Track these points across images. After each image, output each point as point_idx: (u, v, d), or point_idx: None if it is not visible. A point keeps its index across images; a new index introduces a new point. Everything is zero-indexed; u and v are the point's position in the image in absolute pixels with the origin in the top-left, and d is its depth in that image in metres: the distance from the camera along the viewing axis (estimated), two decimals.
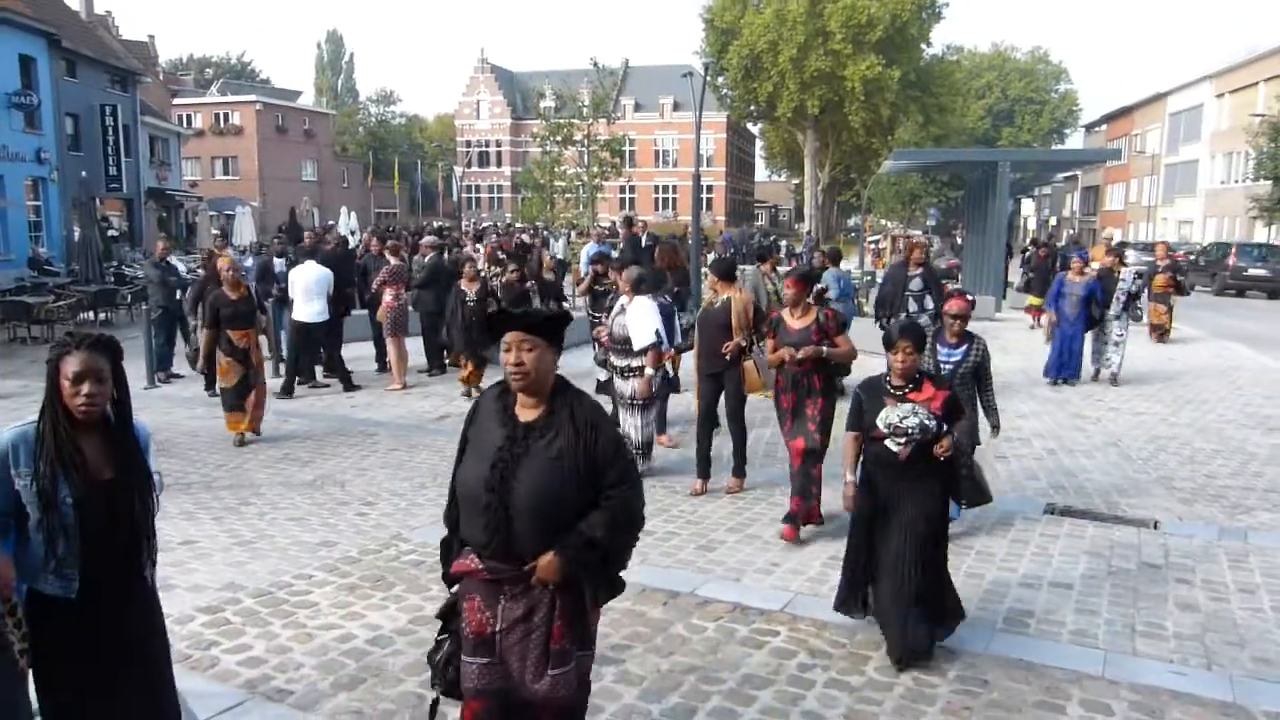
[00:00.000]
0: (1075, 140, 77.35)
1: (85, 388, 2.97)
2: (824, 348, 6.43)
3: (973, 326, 6.59)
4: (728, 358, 7.32)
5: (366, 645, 4.84)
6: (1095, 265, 14.28)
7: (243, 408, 9.19)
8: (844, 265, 13.77)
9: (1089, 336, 12.86)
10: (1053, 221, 74.77)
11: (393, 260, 12.69)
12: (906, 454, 4.54)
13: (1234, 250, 31.68)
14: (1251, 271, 30.32)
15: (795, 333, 6.56)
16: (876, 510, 4.69)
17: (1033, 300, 18.94)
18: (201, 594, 5.47)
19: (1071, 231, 56.90)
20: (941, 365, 6.29)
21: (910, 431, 4.51)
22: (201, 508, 7.16)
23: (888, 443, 4.58)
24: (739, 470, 7.69)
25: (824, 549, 6.29)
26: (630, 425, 8.03)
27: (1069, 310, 12.51)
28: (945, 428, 4.57)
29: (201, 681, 4.40)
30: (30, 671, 3.02)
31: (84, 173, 26.27)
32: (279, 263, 13.68)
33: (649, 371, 7.83)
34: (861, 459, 4.80)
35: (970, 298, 6.57)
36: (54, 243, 28.89)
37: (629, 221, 18.13)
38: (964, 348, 6.37)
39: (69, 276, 22.57)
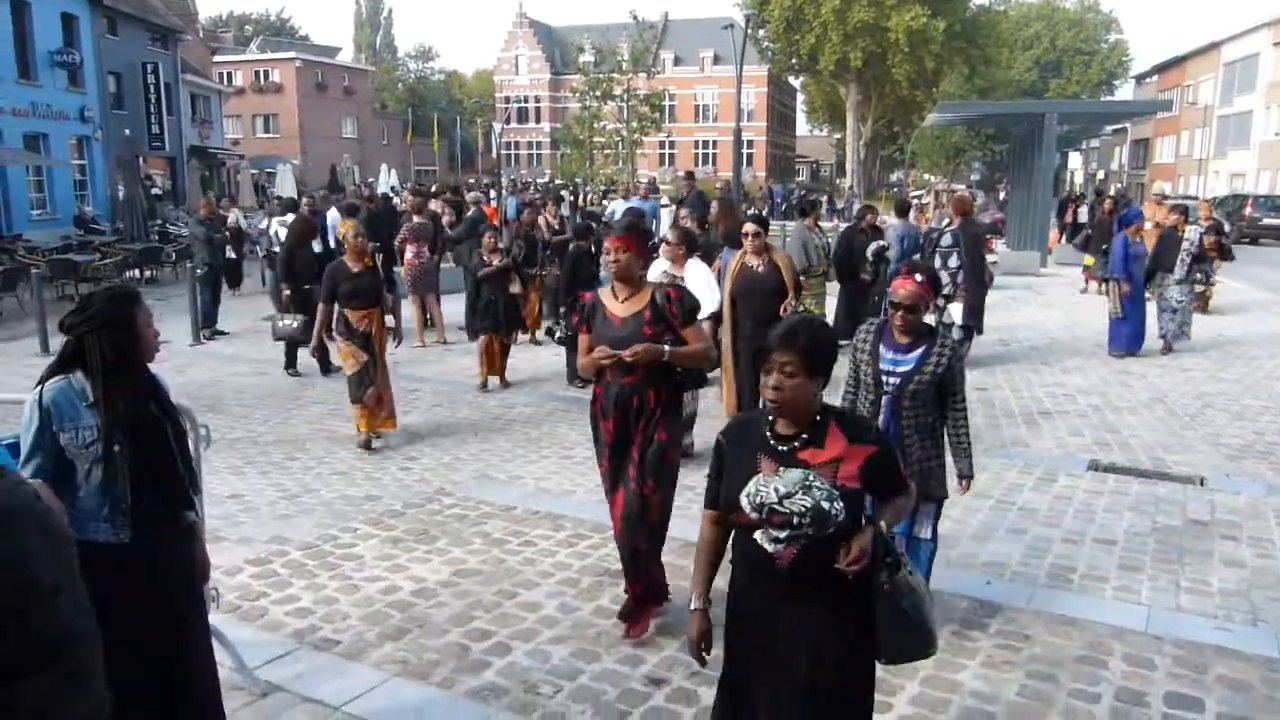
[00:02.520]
0: (1125, 92, 75.37)
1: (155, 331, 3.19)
2: (665, 346, 4.33)
3: (1013, 281, 6.06)
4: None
5: (411, 597, 4.92)
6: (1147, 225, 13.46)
7: (366, 401, 7.67)
8: (890, 220, 12.96)
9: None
10: (1100, 175, 73.16)
11: (416, 218, 12.66)
12: (790, 558, 2.54)
13: (1250, 201, 33.24)
14: (1266, 221, 31.91)
15: (619, 324, 4.40)
16: (749, 658, 2.75)
17: (1088, 261, 17.18)
18: (250, 546, 5.59)
19: (1119, 186, 55.63)
20: (885, 379, 4.17)
21: (798, 519, 2.52)
22: (248, 463, 7.29)
23: (759, 536, 2.57)
24: None
25: None
26: None
27: (1139, 275, 11.06)
28: (863, 516, 2.61)
29: (250, 631, 4.51)
30: None
31: (127, 131, 26.53)
32: (275, 223, 13.41)
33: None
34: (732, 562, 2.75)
35: (920, 279, 4.11)
36: (99, 201, 29.29)
37: (690, 176, 17.51)
38: (919, 352, 4.12)
39: (114, 235, 22.91)
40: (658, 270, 6.84)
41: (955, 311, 10.27)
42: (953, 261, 10.08)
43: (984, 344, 11.25)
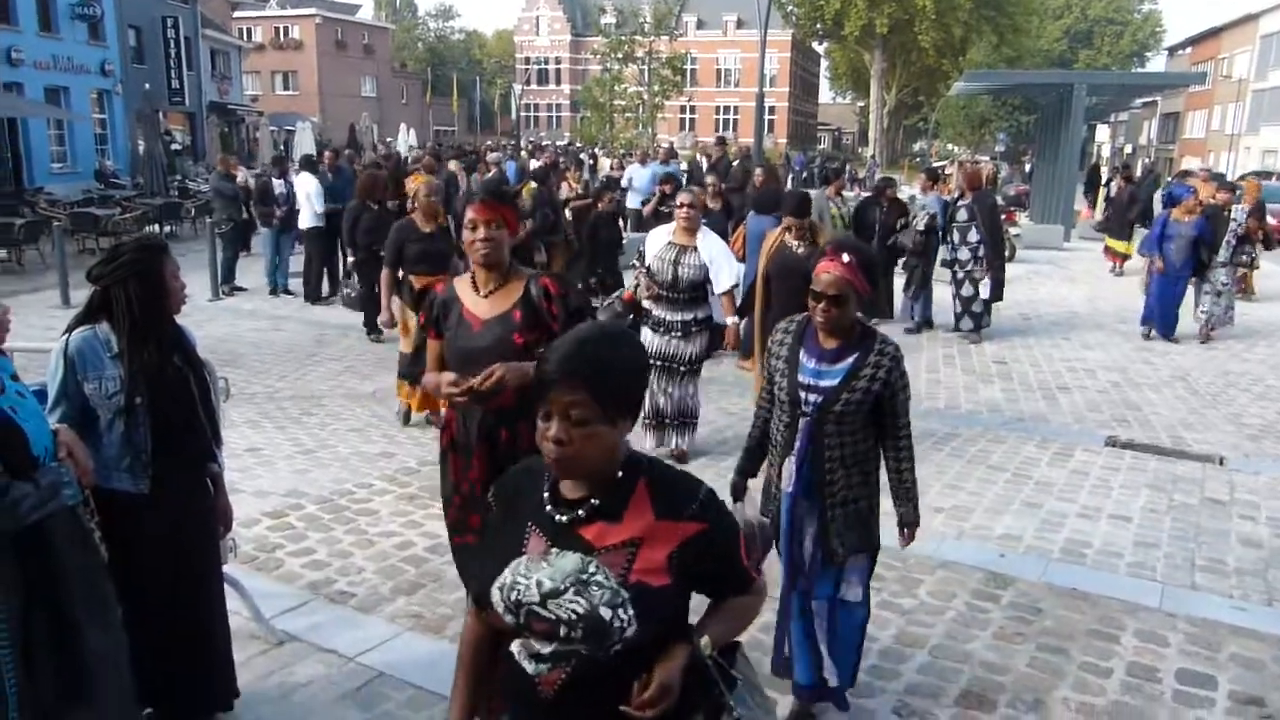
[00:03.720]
0: (1157, 64, 74.17)
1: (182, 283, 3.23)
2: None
3: (1035, 256, 5.80)
4: None
5: (425, 553, 4.95)
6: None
7: (417, 378, 6.60)
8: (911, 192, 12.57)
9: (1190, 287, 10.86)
10: (1128, 149, 72.29)
11: (430, 178, 12.63)
12: (554, 685, 1.75)
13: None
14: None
15: (479, 328, 3.21)
16: None
17: (1110, 242, 16.61)
18: (266, 499, 5.63)
19: (1147, 161, 54.94)
20: (803, 396, 3.20)
21: (566, 629, 1.72)
22: (265, 417, 7.33)
23: (516, 648, 1.81)
24: None
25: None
26: (679, 394, 6.29)
27: (1174, 256, 10.37)
28: (675, 629, 1.80)
29: (267, 582, 4.55)
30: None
31: (147, 85, 26.50)
32: (279, 184, 13.03)
33: (733, 320, 6.28)
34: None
35: (848, 259, 3.14)
36: (119, 156, 29.32)
37: (722, 141, 17.14)
38: (849, 361, 3.18)
39: (134, 189, 22.94)
40: (661, 240, 6.17)
41: (983, 288, 10.24)
42: (972, 236, 10.08)
43: (1005, 317, 11.17)
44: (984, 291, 10.26)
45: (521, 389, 2.92)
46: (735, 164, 16.82)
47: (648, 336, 6.21)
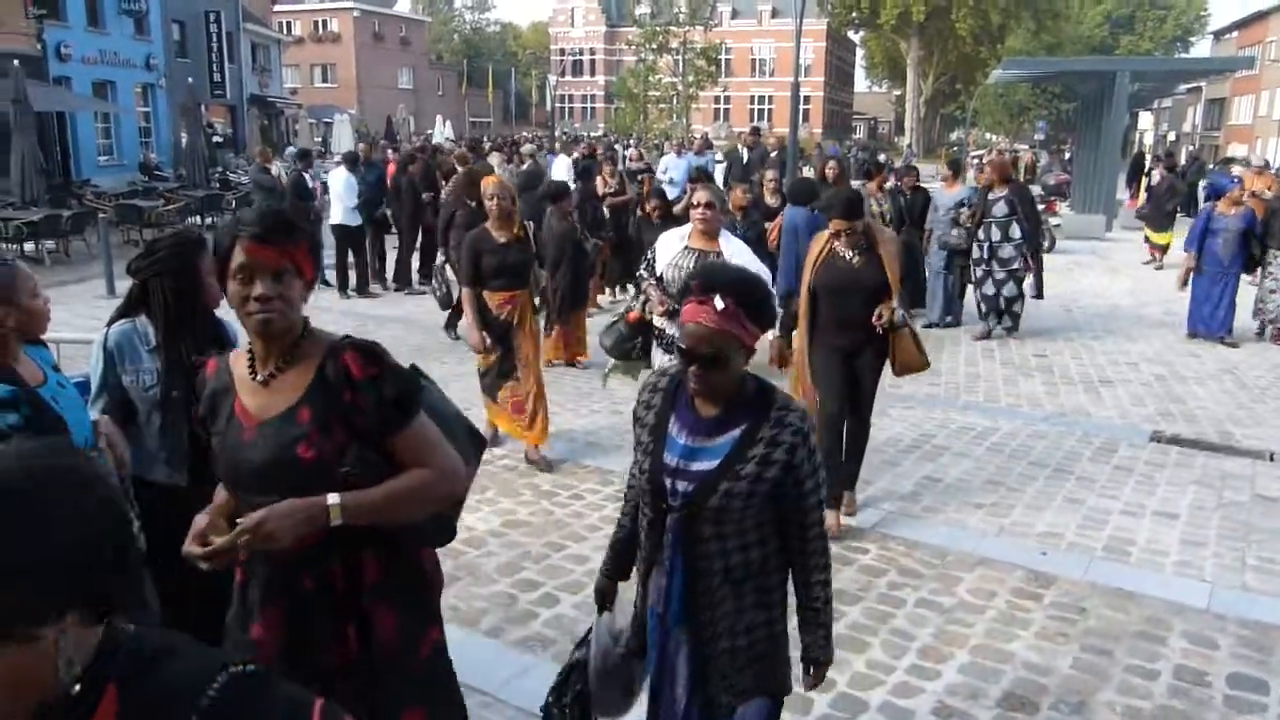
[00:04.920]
0: (1202, 49, 72.63)
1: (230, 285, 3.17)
2: (332, 500, 2.02)
3: (1077, 246, 5.47)
4: (880, 329, 4.93)
5: (461, 545, 4.96)
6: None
7: (501, 404, 6.08)
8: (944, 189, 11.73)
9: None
10: (1171, 136, 70.99)
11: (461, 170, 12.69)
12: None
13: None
14: None
15: (250, 435, 2.13)
16: None
17: (1150, 233, 15.98)
18: None
19: (1192, 149, 53.91)
20: (670, 484, 2.32)
21: None
22: None
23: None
24: (852, 481, 5.45)
25: (917, 468, 6.19)
26: None
27: (1221, 251, 9.82)
28: None
29: None
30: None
31: (190, 79, 26.79)
32: (309, 177, 13.21)
33: (771, 335, 5.23)
34: None
35: (723, 304, 2.19)
36: (162, 148, 29.71)
37: (756, 132, 16.85)
38: (733, 435, 2.30)
39: (177, 181, 23.24)
40: (674, 245, 5.23)
41: (1028, 286, 9.85)
42: (1015, 231, 9.64)
43: (1045, 310, 10.98)
44: (1028, 290, 9.94)
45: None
46: (773, 154, 16.63)
47: (661, 359, 5.29)
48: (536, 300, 6.27)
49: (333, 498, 2.01)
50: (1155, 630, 4.20)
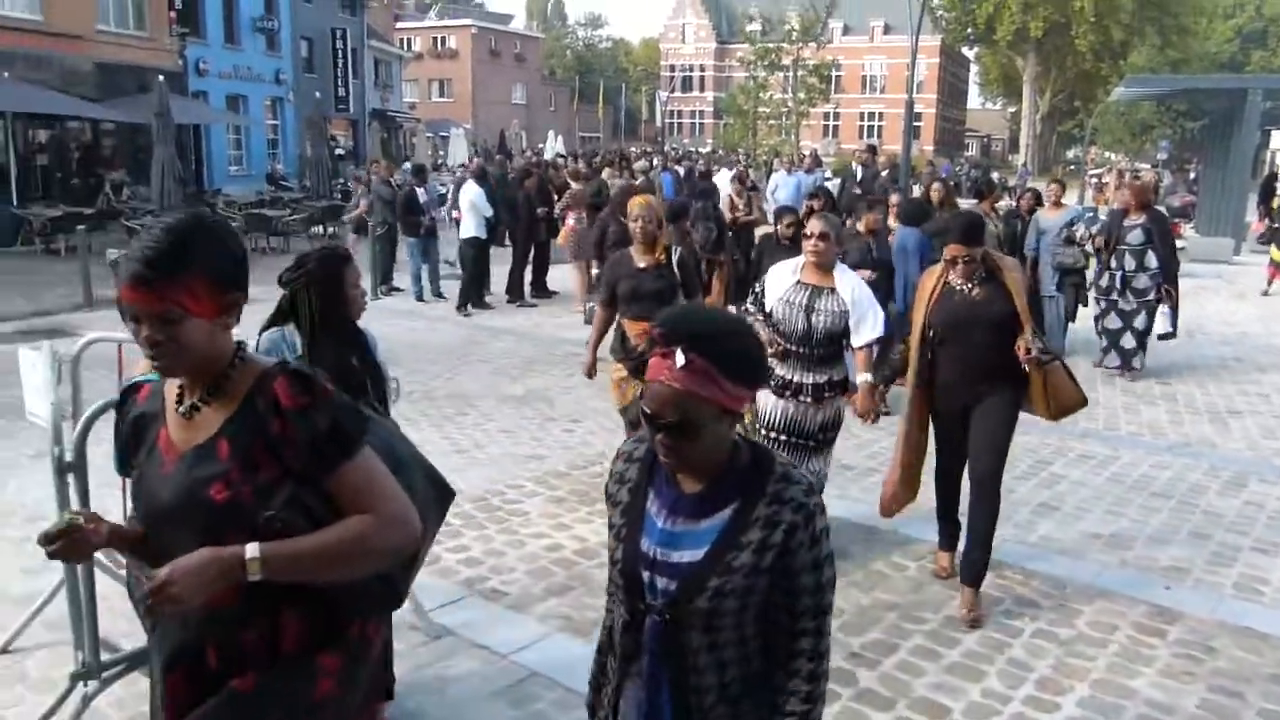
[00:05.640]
0: None
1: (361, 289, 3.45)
2: (251, 551, 1.77)
3: (1202, 270, 5.29)
4: (1026, 367, 4.32)
5: (574, 555, 5.08)
6: None
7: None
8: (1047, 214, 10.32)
9: None
10: None
11: (575, 185, 12.94)
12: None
13: None
14: None
15: (165, 474, 1.91)
16: None
17: (1275, 254, 15.47)
18: None
19: None
20: (650, 580, 1.88)
21: None
22: (422, 415, 7.65)
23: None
24: (978, 579, 4.55)
25: (1033, 495, 6.07)
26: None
27: None
28: None
29: (425, 576, 4.73)
30: None
31: (317, 94, 27.92)
32: (422, 192, 13.27)
33: (865, 377, 4.79)
34: None
35: (690, 357, 1.73)
36: (288, 160, 31.01)
37: (873, 150, 16.41)
38: (724, 517, 1.85)
39: (302, 192, 24.24)
40: (785, 279, 4.85)
41: (1161, 320, 9.09)
42: (1151, 261, 8.93)
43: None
44: (1162, 324, 9.17)
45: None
46: (884, 173, 16.41)
47: (768, 402, 4.88)
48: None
49: (252, 549, 1.74)
50: None
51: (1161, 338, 9.31)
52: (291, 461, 1.82)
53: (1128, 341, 9.21)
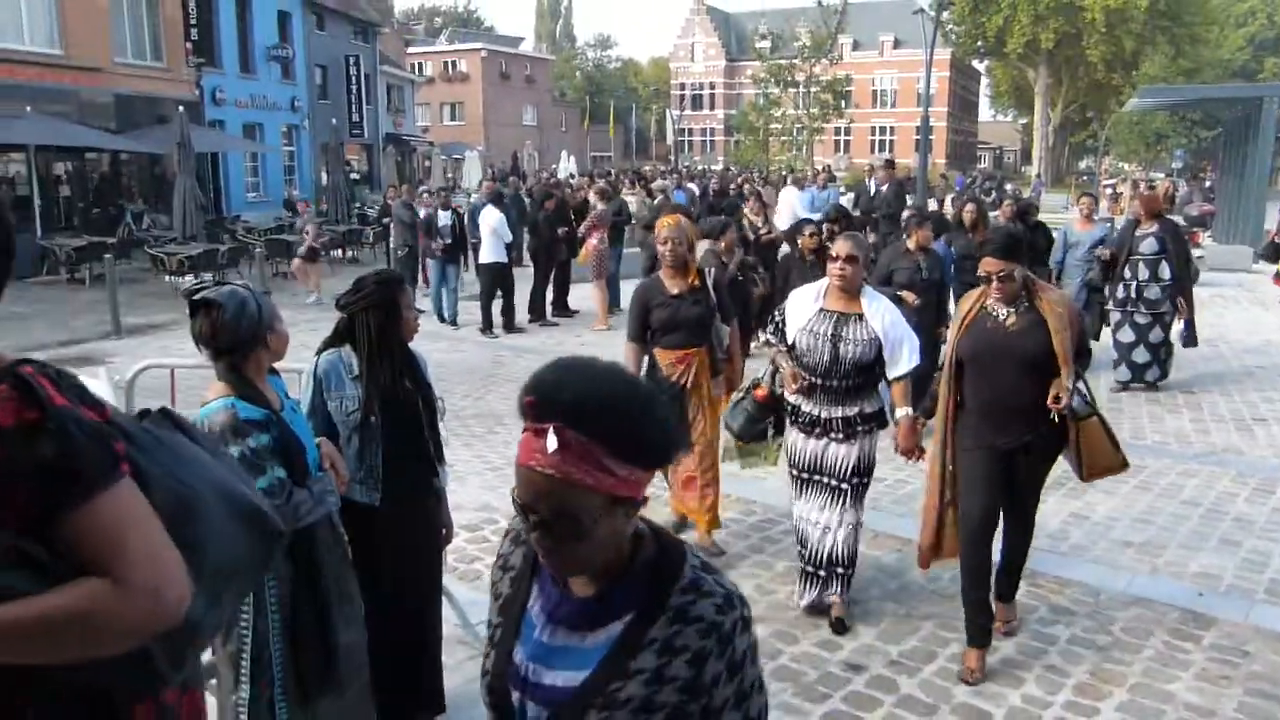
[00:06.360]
0: None
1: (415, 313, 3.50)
2: None
3: (1222, 279, 5.25)
4: (1055, 416, 3.87)
5: None
6: None
7: (670, 479, 5.43)
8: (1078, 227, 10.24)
9: None
10: None
11: (599, 204, 13.04)
12: None
13: None
14: None
15: None
16: None
17: None
18: (461, 513, 5.93)
19: None
20: (522, 706, 1.47)
21: None
22: (453, 435, 7.72)
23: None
24: (1010, 593, 4.47)
25: (1062, 505, 6.11)
26: (836, 524, 4.46)
27: None
28: None
29: (467, 591, 4.85)
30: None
31: (333, 120, 28.24)
32: (444, 215, 12.94)
33: (905, 411, 4.41)
34: None
35: (565, 436, 1.35)
36: (305, 186, 31.33)
37: (890, 164, 16.42)
38: (612, 633, 1.42)
39: (319, 217, 24.47)
40: (808, 306, 4.45)
41: (1175, 332, 9.00)
42: (1164, 272, 8.81)
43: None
44: (1176, 337, 9.12)
45: None
46: (884, 188, 16.31)
47: (795, 440, 4.55)
48: (719, 358, 5.29)
49: None
50: None
51: (1184, 345, 9.23)
52: (16, 501, 1.35)
53: (1140, 355, 9.08)
